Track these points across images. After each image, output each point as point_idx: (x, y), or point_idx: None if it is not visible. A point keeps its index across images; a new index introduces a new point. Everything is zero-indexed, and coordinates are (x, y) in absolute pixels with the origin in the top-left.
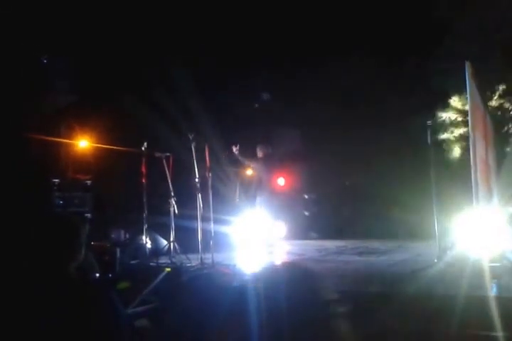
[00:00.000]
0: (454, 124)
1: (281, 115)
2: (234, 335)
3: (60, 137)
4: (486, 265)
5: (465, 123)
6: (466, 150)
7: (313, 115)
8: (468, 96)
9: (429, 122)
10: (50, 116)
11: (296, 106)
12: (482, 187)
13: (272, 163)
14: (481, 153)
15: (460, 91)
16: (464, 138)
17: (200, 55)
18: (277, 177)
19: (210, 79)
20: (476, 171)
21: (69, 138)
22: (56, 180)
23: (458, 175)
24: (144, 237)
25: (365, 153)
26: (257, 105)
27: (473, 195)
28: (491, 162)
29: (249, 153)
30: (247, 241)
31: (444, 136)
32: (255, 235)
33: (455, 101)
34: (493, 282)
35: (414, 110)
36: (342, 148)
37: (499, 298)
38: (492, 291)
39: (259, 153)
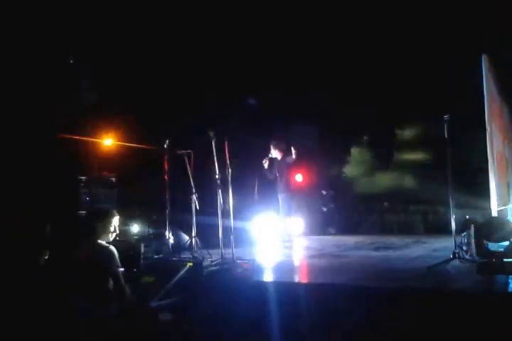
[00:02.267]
0: None
1: (298, 111)
2: (254, 328)
3: (86, 136)
4: (502, 261)
5: None
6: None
7: (329, 111)
8: (484, 89)
9: (445, 116)
10: (76, 115)
11: (313, 102)
12: (499, 181)
13: (289, 159)
14: (497, 147)
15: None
16: None
17: (217, 52)
18: (295, 173)
19: (228, 79)
20: (493, 165)
21: (95, 136)
22: (83, 177)
23: (476, 170)
24: (166, 233)
25: (383, 148)
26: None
27: (490, 189)
28: (509, 156)
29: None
30: (267, 237)
31: None
32: (274, 231)
33: None
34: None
35: (432, 105)
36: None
37: None
38: (510, 288)
39: (275, 151)
